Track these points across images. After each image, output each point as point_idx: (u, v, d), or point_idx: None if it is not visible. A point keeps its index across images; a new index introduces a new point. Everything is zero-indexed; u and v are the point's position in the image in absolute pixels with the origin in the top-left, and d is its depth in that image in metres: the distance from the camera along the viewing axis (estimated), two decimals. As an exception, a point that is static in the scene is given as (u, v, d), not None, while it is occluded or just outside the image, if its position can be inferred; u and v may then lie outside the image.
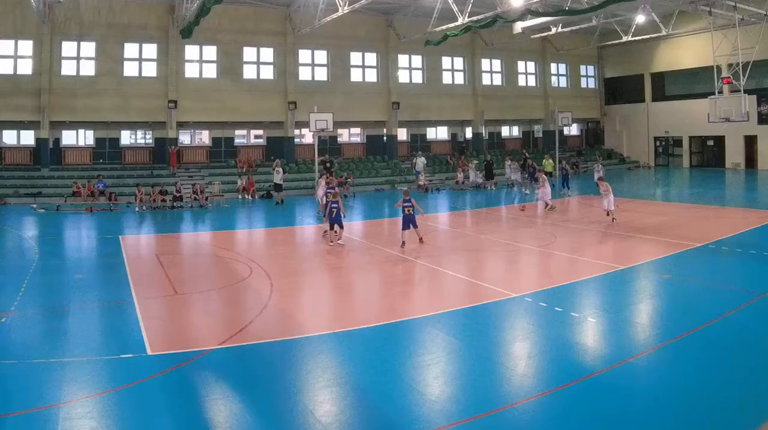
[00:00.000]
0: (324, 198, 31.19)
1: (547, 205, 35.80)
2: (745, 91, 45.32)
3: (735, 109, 45.28)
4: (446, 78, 62.23)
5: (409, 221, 25.99)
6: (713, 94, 47.06)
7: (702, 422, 10.22)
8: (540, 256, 24.55)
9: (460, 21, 43.32)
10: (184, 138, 55.13)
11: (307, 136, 56.02)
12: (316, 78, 56.94)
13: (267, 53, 55.14)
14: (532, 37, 60.08)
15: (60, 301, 18.25)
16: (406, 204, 25.84)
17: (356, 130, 60.86)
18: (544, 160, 50.60)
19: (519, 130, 68.70)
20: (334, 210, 26.21)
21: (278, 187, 44.90)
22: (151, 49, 51.20)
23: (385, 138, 60.30)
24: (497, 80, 64.93)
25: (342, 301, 19.14)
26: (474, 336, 14.90)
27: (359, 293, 20.22)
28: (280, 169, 45.38)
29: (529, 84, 66.79)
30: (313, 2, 47.18)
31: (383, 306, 18.14)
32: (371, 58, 59.01)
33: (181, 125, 52.89)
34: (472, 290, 19.40)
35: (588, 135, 72.19)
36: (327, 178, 34.83)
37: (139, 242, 30.53)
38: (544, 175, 37.54)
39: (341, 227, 26.77)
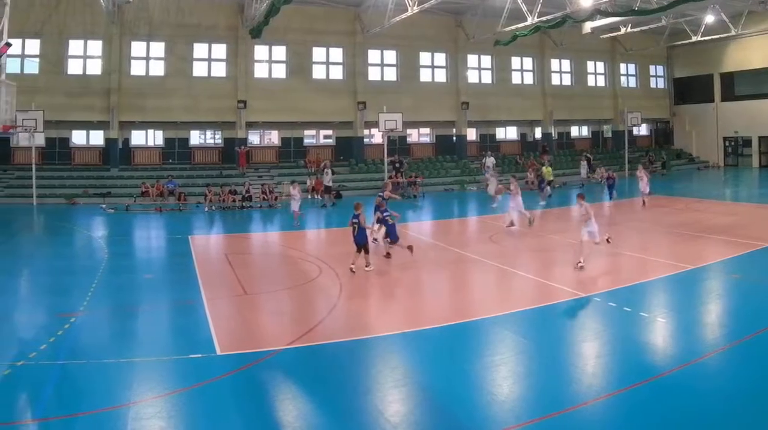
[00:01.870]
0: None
1: (528, 218, 29.18)
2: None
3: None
4: (515, 78, 56.59)
5: (390, 231, 22.77)
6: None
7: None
8: (609, 256, 22.71)
9: (529, 21, 39.77)
10: (254, 138, 50.93)
11: (377, 136, 51.45)
12: (386, 78, 52.01)
13: (336, 53, 50.55)
14: (601, 37, 54.96)
15: (129, 301, 17.47)
16: (386, 214, 22.46)
17: (425, 130, 55.53)
18: (543, 167, 42.86)
19: (588, 130, 62.74)
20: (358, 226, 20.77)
21: (327, 190, 40.93)
22: (220, 49, 47.55)
23: (454, 138, 55.00)
24: (566, 80, 59.02)
25: (411, 301, 17.98)
26: (543, 336, 14.23)
27: (428, 293, 19.10)
28: (329, 171, 41.69)
29: (598, 84, 60.74)
30: (382, 2, 43.26)
31: (452, 306, 17.20)
32: (440, 58, 53.64)
33: (251, 125, 49.00)
34: (541, 290, 18.44)
35: (657, 135, 65.87)
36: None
37: (208, 242, 28.79)
38: (515, 184, 29.97)
39: (367, 250, 20.78)
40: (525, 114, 56.82)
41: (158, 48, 45.96)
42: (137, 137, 47.85)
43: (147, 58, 45.89)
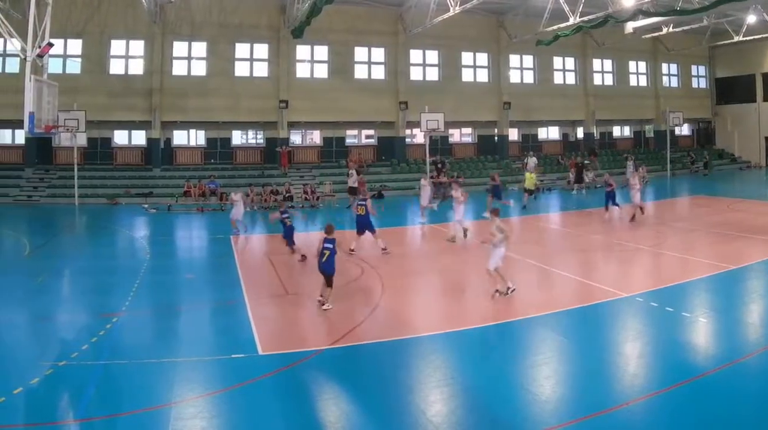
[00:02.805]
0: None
1: (463, 229, 25.43)
2: None
3: None
4: (557, 78, 53.23)
5: (362, 225, 22.14)
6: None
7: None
8: (651, 256, 22.14)
9: (571, 21, 37.58)
10: (296, 138, 48.20)
11: (418, 136, 48.50)
12: (428, 78, 48.92)
13: (378, 53, 47.68)
14: (643, 37, 51.47)
15: (171, 301, 16.99)
16: (360, 202, 21.72)
17: (467, 130, 52.47)
18: (526, 173, 37.58)
19: (630, 130, 59.11)
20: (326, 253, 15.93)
21: (353, 191, 37.20)
22: (262, 49, 45.13)
23: (496, 138, 51.82)
24: (608, 80, 55.46)
25: (453, 301, 17.13)
26: (585, 336, 13.67)
27: (470, 293, 17.97)
28: (353, 172, 38.83)
29: (640, 84, 57.04)
30: (424, 2, 41.08)
31: (494, 306, 16.03)
32: (482, 58, 50.42)
33: (292, 125, 46.37)
34: (582, 290, 17.69)
35: (699, 135, 62.00)
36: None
37: (250, 242, 27.15)
38: (461, 193, 25.97)
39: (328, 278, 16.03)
40: (567, 114, 53.59)
41: (200, 48, 43.86)
42: (179, 137, 45.72)
43: (189, 58, 43.83)
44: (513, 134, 52.88)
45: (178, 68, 43.52)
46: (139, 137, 44.42)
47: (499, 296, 16.16)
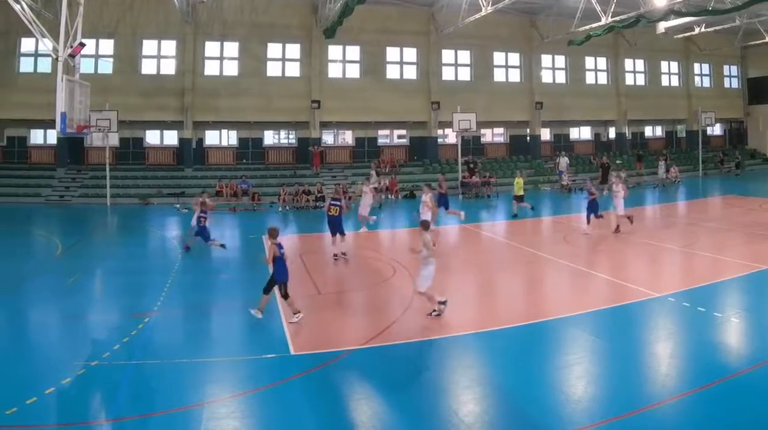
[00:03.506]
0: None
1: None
2: None
3: None
4: (589, 78, 50.50)
5: (334, 226, 20.62)
6: None
7: None
8: (682, 256, 21.31)
9: (603, 21, 35.87)
10: (328, 138, 46.15)
11: (451, 136, 46.32)
12: (460, 78, 46.56)
13: (410, 53, 45.40)
14: (675, 37, 48.92)
15: (203, 301, 16.23)
16: (333, 202, 20.37)
17: (499, 130, 49.91)
18: (516, 179, 31.99)
19: (662, 130, 56.27)
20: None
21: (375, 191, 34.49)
22: (294, 49, 43.19)
23: (528, 138, 49.30)
24: (640, 80, 52.63)
25: (484, 300, 16.69)
26: (617, 336, 12.97)
27: (501, 293, 17.62)
28: (373, 173, 36.23)
29: (672, 84, 54.23)
30: (456, 2, 39.17)
31: (525, 306, 15.82)
32: (514, 58, 47.91)
33: (324, 125, 44.31)
34: (614, 290, 16.87)
35: (731, 135, 58.86)
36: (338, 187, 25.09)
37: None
38: (429, 197, 22.66)
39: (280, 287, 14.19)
40: (599, 114, 50.85)
41: (232, 48, 42.09)
42: (211, 137, 43.84)
43: (221, 58, 42.09)
44: (545, 134, 50.35)
45: (210, 68, 41.88)
46: (171, 137, 42.78)
47: (434, 316, 14.07)
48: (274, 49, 42.76)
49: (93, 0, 33.96)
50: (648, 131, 55.38)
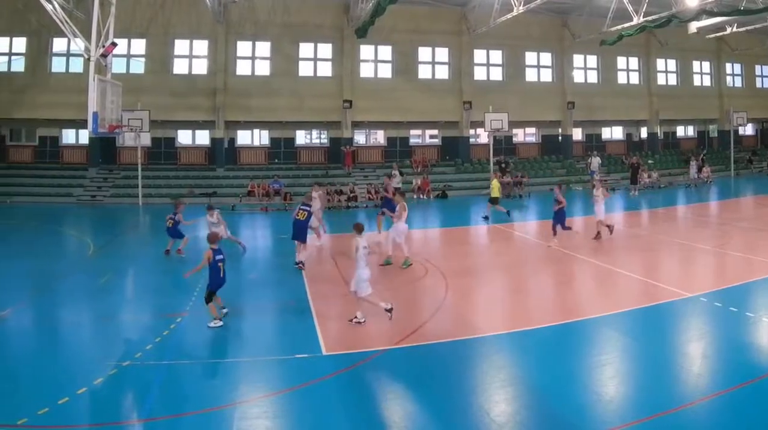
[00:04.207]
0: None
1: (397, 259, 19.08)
2: None
3: None
4: (621, 78, 47.72)
5: (298, 231, 18.53)
6: None
7: None
8: (715, 256, 20.20)
9: (635, 21, 33.86)
10: (360, 138, 43.80)
11: (482, 136, 43.84)
12: (491, 78, 44.06)
13: (442, 53, 42.99)
14: (707, 37, 45.89)
15: (235, 301, 14.42)
16: (302, 207, 18.63)
17: (531, 130, 47.31)
18: (492, 180, 29.96)
19: (694, 130, 53.36)
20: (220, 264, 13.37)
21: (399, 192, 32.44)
22: (326, 49, 41.07)
23: (560, 138, 46.67)
24: (672, 80, 49.75)
25: (516, 300, 15.58)
26: (648, 336, 12.29)
27: (533, 293, 16.42)
28: (397, 173, 34.93)
29: (703, 84, 51.31)
30: (488, 2, 37.07)
31: (557, 306, 14.70)
32: (546, 57, 45.32)
33: (356, 125, 42.10)
34: (646, 290, 15.66)
35: (763, 135, 55.63)
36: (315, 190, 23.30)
37: (314, 241, 23.42)
38: (400, 199, 19.67)
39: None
40: (631, 114, 48.02)
41: (264, 48, 40.10)
42: (243, 137, 41.69)
43: (253, 58, 40.05)
44: (577, 134, 47.57)
45: (242, 68, 39.90)
46: (203, 137, 40.84)
47: (354, 323, 13.08)
48: (306, 49, 40.69)
49: (125, 0, 32.83)
50: (680, 131, 52.50)
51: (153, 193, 34.94)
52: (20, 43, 37.16)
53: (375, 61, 42.05)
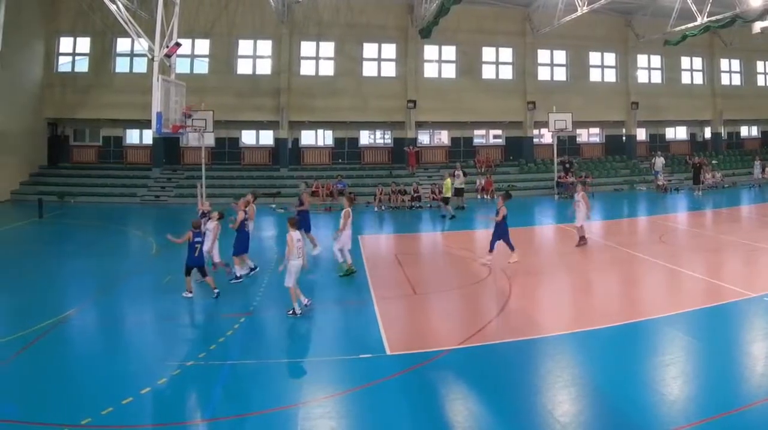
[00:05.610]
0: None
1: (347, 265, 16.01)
2: None
3: None
4: (685, 78, 42.75)
5: (239, 242, 15.41)
6: None
7: None
8: None
9: (699, 21, 30.73)
10: (423, 138, 39.41)
11: (546, 136, 39.43)
12: (555, 78, 39.49)
13: (506, 53, 38.56)
14: (771, 36, 40.61)
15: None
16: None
17: (595, 130, 42.57)
18: (445, 180, 28.55)
19: (758, 130, 47.57)
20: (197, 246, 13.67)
21: (459, 192, 29.76)
22: (390, 49, 37.00)
23: (623, 138, 41.96)
24: (736, 80, 44.47)
25: (580, 301, 14.10)
26: (712, 336, 11.08)
27: (597, 293, 14.89)
28: (460, 173, 30.59)
29: (768, 84, 46.34)
30: (552, 2, 33.63)
31: (621, 306, 13.35)
32: (610, 57, 40.51)
33: (420, 125, 37.81)
34: (710, 290, 14.27)
35: (826, 135, 50.81)
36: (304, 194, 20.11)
37: (378, 241, 23.52)
38: (347, 209, 15.99)
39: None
40: (694, 114, 42.94)
41: (328, 48, 36.30)
42: (307, 137, 37.79)
43: (316, 58, 36.24)
44: (640, 134, 42.59)
45: (306, 68, 36.15)
46: (267, 137, 37.02)
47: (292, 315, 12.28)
48: (369, 49, 36.75)
49: (189, 0, 30.06)
50: (744, 131, 46.87)
51: (217, 194, 30.82)
52: (84, 44, 34.06)
53: (439, 61, 37.86)
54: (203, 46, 34.75)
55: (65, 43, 34.18)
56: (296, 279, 12.27)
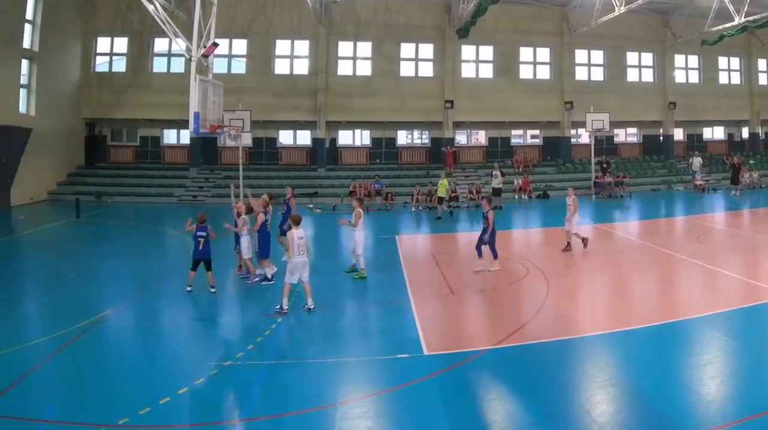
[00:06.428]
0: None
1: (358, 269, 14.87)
2: None
3: None
4: (722, 78, 40.12)
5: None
6: None
7: None
8: None
9: (736, 21, 28.89)
10: (461, 138, 37.17)
11: (584, 136, 36.87)
12: (593, 78, 37.04)
13: (543, 53, 36.28)
14: (808, 37, 37.67)
15: (335, 301, 12.83)
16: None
17: (632, 130, 39.94)
18: (440, 181, 26.69)
19: (795, 131, 45.30)
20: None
21: (497, 192, 28.48)
22: (427, 49, 34.87)
23: (661, 138, 39.38)
24: (773, 80, 41.93)
25: (618, 300, 13.25)
26: (750, 336, 10.38)
27: (635, 293, 13.94)
28: (498, 173, 29.25)
29: (806, 84, 43.13)
30: (589, 2, 31.61)
31: (658, 306, 12.52)
32: (647, 57, 38.07)
33: (458, 125, 35.65)
34: (747, 290, 13.39)
35: None
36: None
37: (415, 241, 22.45)
38: (359, 211, 14.85)
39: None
40: (732, 114, 40.29)
41: (365, 48, 34.41)
42: (344, 137, 35.71)
43: (354, 58, 34.29)
44: (678, 134, 40.00)
45: (343, 68, 34.20)
46: (304, 137, 35.00)
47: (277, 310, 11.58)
48: (407, 49, 34.65)
49: (226, 0, 28.13)
50: (781, 132, 44.24)
51: (254, 194, 28.95)
52: (122, 44, 32.34)
53: (476, 61, 35.65)
54: (241, 46, 32.93)
55: (103, 43, 32.45)
56: (299, 276, 11.58)
